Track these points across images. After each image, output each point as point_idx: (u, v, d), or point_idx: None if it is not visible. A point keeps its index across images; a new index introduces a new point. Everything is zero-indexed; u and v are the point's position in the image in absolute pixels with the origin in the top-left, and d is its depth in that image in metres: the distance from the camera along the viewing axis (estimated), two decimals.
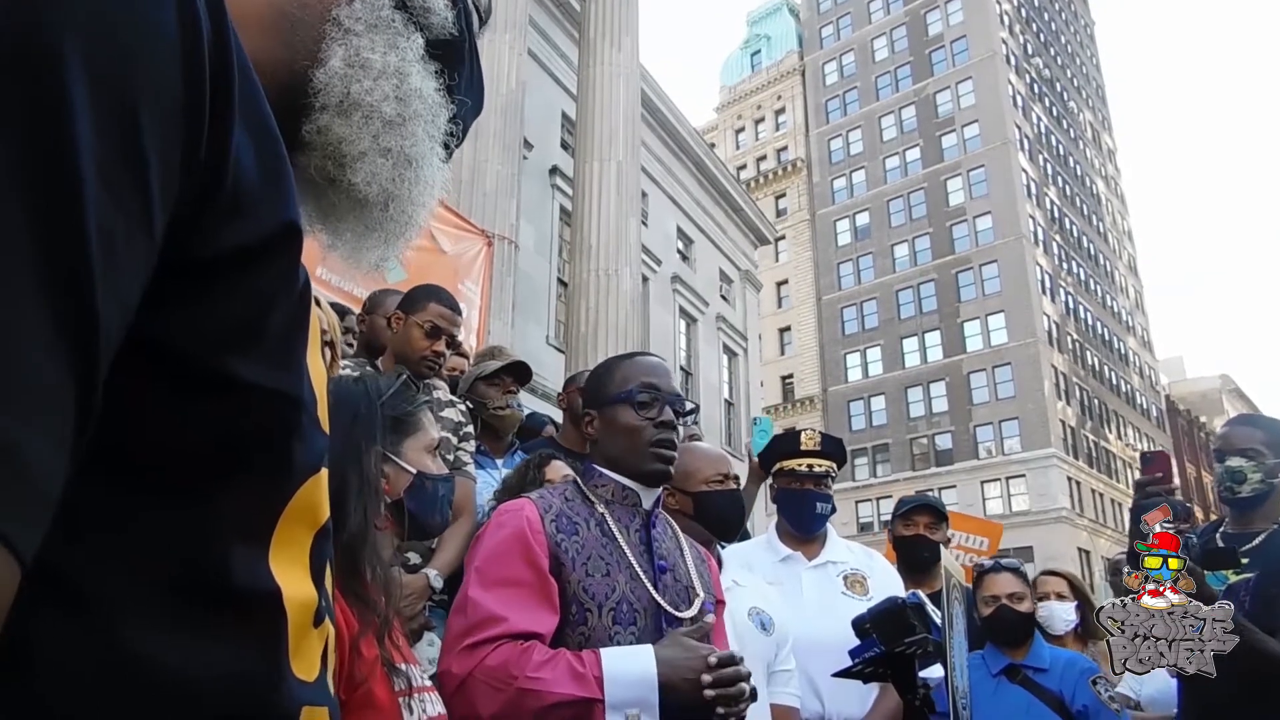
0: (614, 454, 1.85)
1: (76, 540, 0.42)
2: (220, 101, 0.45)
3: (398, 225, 0.69)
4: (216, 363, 0.47)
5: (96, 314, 0.38)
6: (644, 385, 1.84)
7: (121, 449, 0.44)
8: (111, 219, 0.38)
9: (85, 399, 0.38)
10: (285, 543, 0.54)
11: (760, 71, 60.90)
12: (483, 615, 1.62)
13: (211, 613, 0.48)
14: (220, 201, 0.45)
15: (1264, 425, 2.86)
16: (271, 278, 0.50)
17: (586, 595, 1.69)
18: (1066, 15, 63.07)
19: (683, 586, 1.83)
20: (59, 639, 0.42)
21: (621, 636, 1.69)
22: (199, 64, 0.43)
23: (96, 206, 0.37)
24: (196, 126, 0.43)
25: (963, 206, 48.94)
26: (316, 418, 0.57)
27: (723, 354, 22.56)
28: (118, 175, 0.39)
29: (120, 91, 0.39)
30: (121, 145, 0.39)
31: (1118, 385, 53.63)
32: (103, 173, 0.38)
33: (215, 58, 0.44)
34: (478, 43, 0.75)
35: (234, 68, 0.46)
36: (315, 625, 0.57)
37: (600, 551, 1.75)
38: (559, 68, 16.14)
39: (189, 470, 0.47)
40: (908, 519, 3.67)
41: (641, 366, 1.89)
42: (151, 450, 0.46)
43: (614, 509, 1.82)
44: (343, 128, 0.64)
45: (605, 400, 1.86)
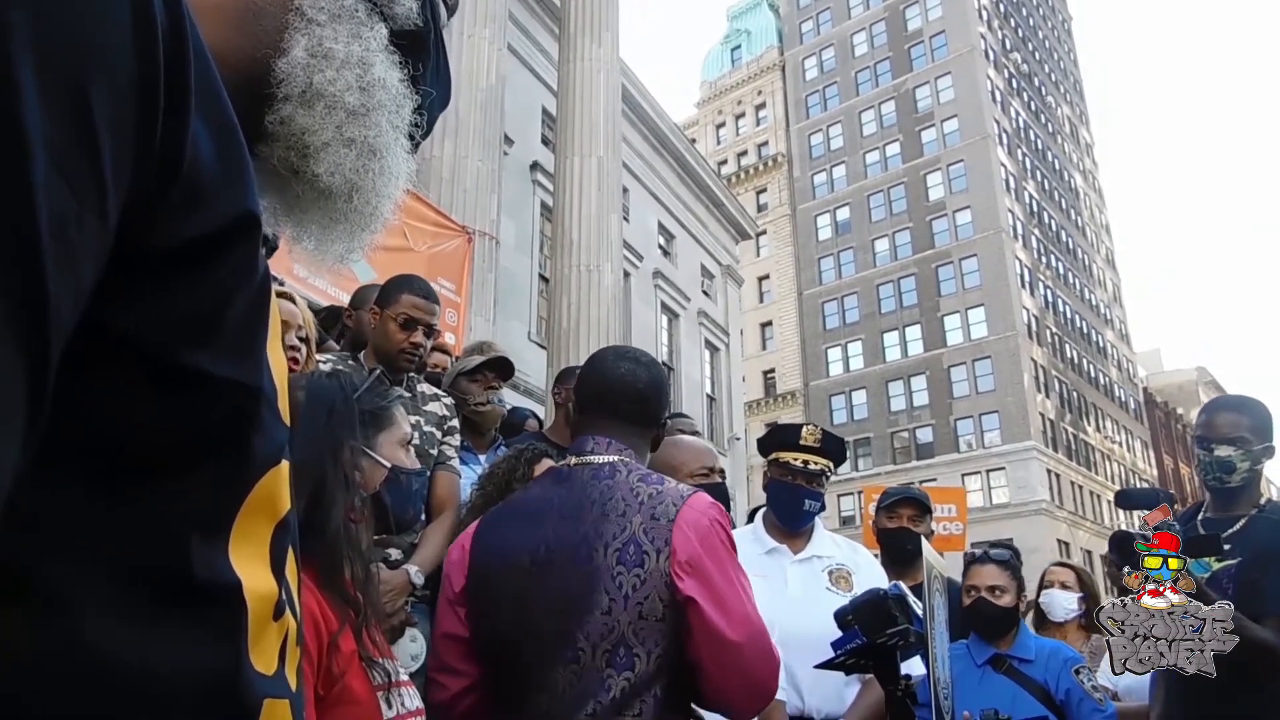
0: None
1: (33, 533, 0.41)
2: (176, 89, 0.44)
3: (362, 217, 0.69)
4: (175, 354, 0.46)
5: (47, 296, 0.37)
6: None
7: (78, 441, 0.43)
8: (62, 201, 0.37)
9: (37, 385, 0.37)
10: (245, 535, 0.53)
11: (741, 67, 60.97)
12: None
13: (172, 605, 0.48)
14: (177, 191, 0.45)
15: (1247, 409, 2.79)
16: (230, 268, 0.49)
17: None
18: (1044, 10, 63.49)
19: None
20: (20, 638, 0.41)
21: None
22: (152, 50, 0.42)
23: (46, 187, 0.36)
24: (150, 113, 0.42)
25: (942, 201, 49.22)
26: (277, 409, 0.56)
27: (705, 349, 22.59)
28: (68, 157, 0.37)
29: (70, 73, 0.38)
30: (72, 127, 0.38)
31: (1096, 378, 54.12)
32: (52, 153, 0.36)
33: (170, 45, 0.43)
34: (445, 34, 0.75)
35: (190, 55, 0.45)
36: (275, 618, 0.57)
37: None
38: (539, 63, 16.10)
39: (147, 462, 0.47)
40: (891, 511, 3.67)
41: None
42: (109, 442, 0.45)
43: None
44: (305, 118, 0.63)
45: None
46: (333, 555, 1.47)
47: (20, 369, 0.36)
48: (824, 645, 2.27)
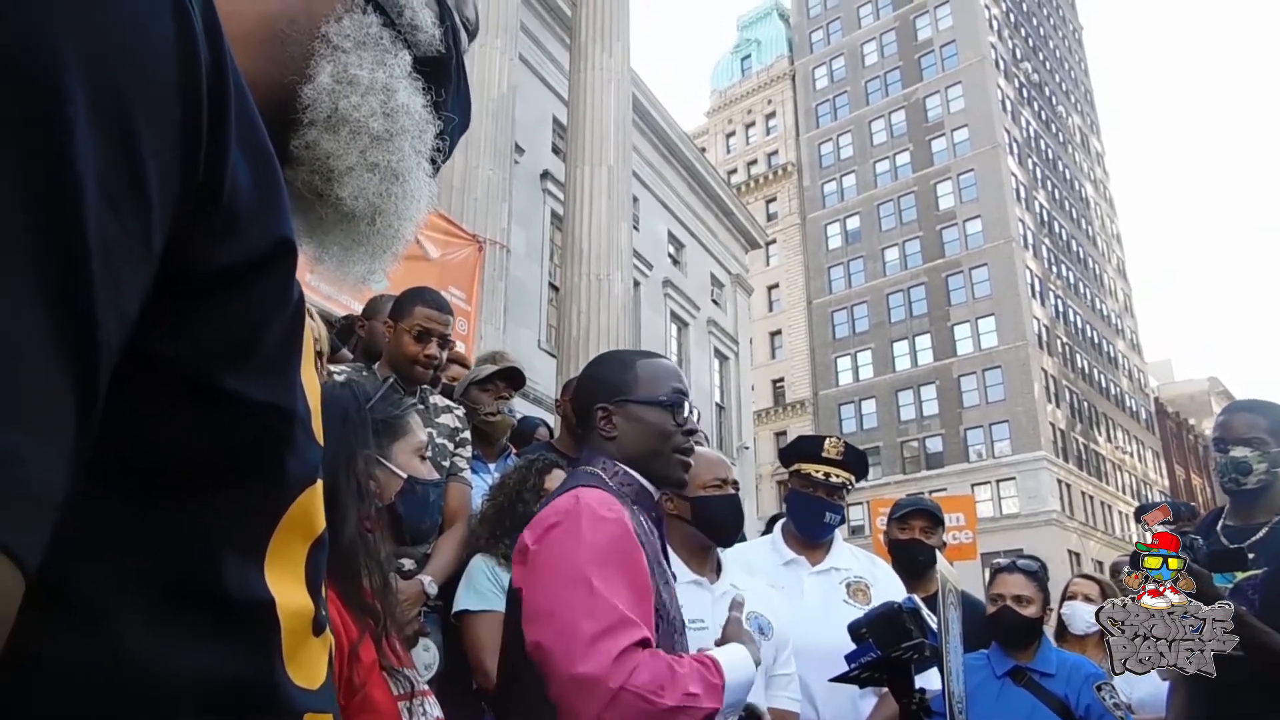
0: (635, 454, 1.77)
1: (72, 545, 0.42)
2: (217, 120, 0.45)
3: (384, 239, 0.70)
4: (212, 376, 0.47)
5: (97, 325, 0.38)
6: (675, 390, 1.80)
7: (118, 460, 0.44)
8: (111, 231, 0.38)
9: (86, 409, 0.38)
10: (281, 553, 0.54)
11: (750, 76, 61.01)
12: (617, 617, 1.46)
13: (204, 619, 0.49)
14: (217, 219, 0.46)
15: (1266, 411, 2.75)
16: (266, 293, 0.50)
17: (660, 601, 1.64)
18: (1055, 20, 63.40)
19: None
20: (57, 645, 0.42)
21: (680, 644, 1.67)
22: (196, 84, 0.43)
23: (97, 219, 0.37)
24: (194, 144, 0.43)
25: (952, 210, 49.09)
26: (311, 430, 0.57)
27: (714, 358, 22.57)
28: (117, 189, 0.39)
29: (119, 106, 0.39)
30: (121, 160, 0.39)
31: (1107, 388, 53.83)
32: (103, 186, 0.38)
33: (213, 78, 0.45)
34: (465, 57, 0.76)
35: (231, 88, 0.46)
36: (316, 634, 0.58)
37: (656, 557, 1.69)
38: (550, 72, 16.14)
39: (184, 481, 0.48)
40: (904, 522, 3.66)
41: (670, 370, 1.84)
42: (146, 460, 0.46)
43: (637, 512, 1.72)
44: (330, 143, 0.64)
45: (631, 397, 1.78)
46: (349, 565, 1.47)
47: (71, 392, 0.37)
48: (839, 658, 2.26)
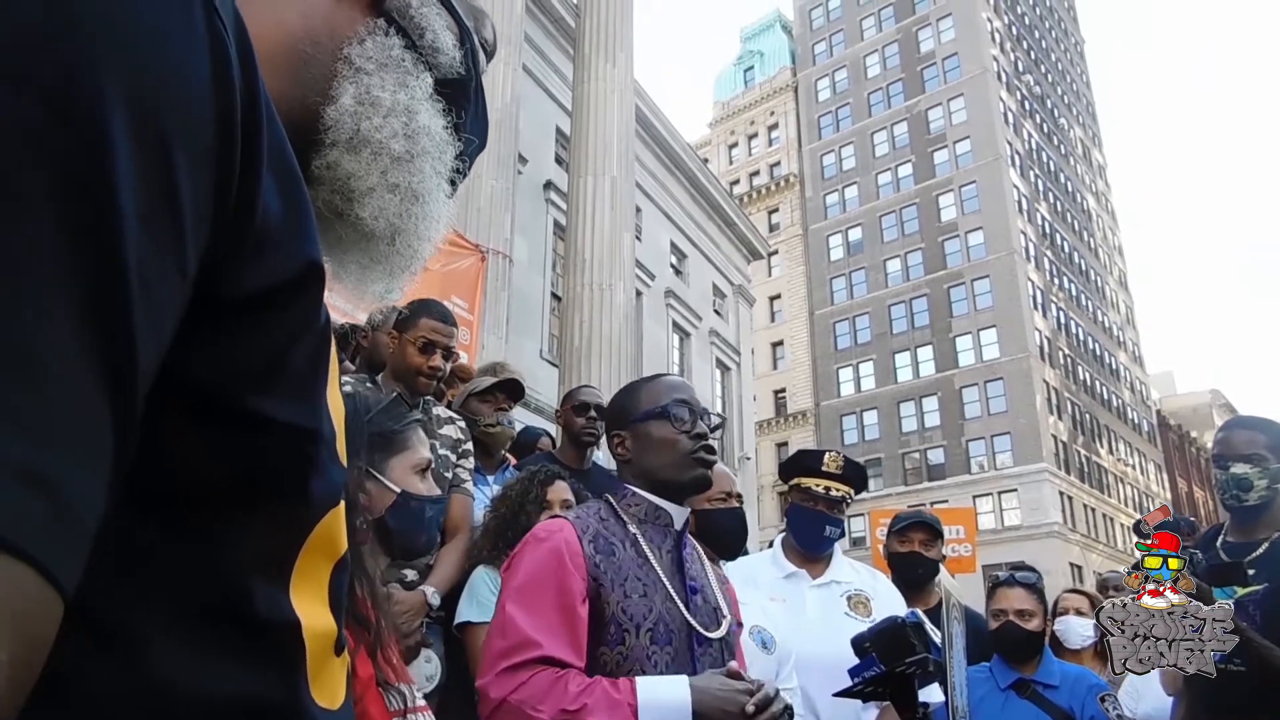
0: (650, 468, 1.85)
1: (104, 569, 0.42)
2: (250, 146, 0.45)
3: (403, 259, 0.70)
4: (240, 399, 0.48)
5: (135, 349, 0.39)
6: (677, 400, 1.86)
7: (147, 482, 0.44)
8: (149, 259, 0.39)
9: (122, 434, 0.39)
10: (306, 575, 0.55)
11: (754, 87, 61.16)
12: (520, 638, 1.61)
13: (235, 641, 0.49)
14: (248, 244, 0.46)
15: (1265, 428, 2.76)
16: (295, 316, 0.51)
17: (625, 616, 1.69)
18: (1057, 33, 63.57)
19: (711, 608, 1.83)
20: (90, 667, 0.43)
21: (658, 656, 1.69)
22: (230, 110, 0.44)
23: (136, 246, 0.38)
24: (228, 171, 0.44)
25: (955, 222, 49.14)
26: (335, 451, 0.57)
27: (716, 368, 22.58)
28: (155, 217, 0.39)
29: (158, 134, 0.40)
30: (158, 185, 0.40)
31: (1109, 400, 53.77)
32: (141, 213, 0.38)
33: (246, 105, 0.45)
34: (483, 79, 0.77)
35: (263, 114, 0.47)
36: (337, 654, 0.58)
37: (637, 572, 1.75)
38: (553, 83, 16.20)
39: (212, 503, 0.48)
40: (903, 535, 3.65)
41: (671, 384, 1.93)
42: (176, 483, 0.46)
43: (646, 529, 1.82)
44: (352, 163, 0.65)
45: (637, 417, 1.87)
46: None
47: (108, 416, 0.37)
48: (842, 670, 2.25)
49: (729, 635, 1.83)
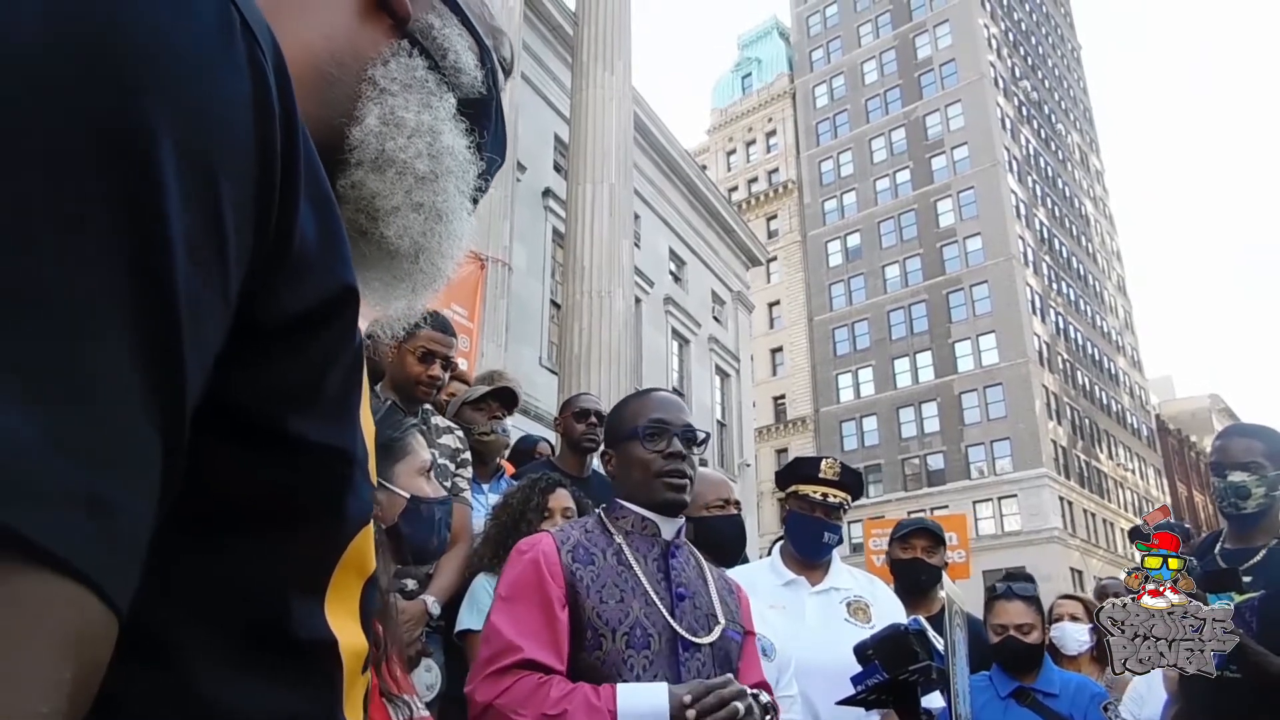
0: (630, 488, 1.92)
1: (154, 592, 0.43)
2: (288, 174, 0.46)
3: (426, 276, 0.71)
4: (278, 420, 0.48)
5: (185, 377, 0.40)
6: (651, 420, 1.91)
7: (190, 503, 0.45)
8: (196, 286, 0.40)
9: (171, 458, 0.40)
10: (340, 593, 0.56)
11: (751, 94, 61.31)
12: (503, 644, 1.69)
13: (275, 660, 0.50)
14: (286, 269, 0.47)
15: (1263, 436, 2.78)
16: (330, 339, 0.51)
17: (600, 621, 1.74)
18: (1054, 39, 63.75)
19: (703, 614, 1.85)
20: (137, 688, 0.43)
21: (635, 660, 1.73)
22: (271, 138, 0.45)
23: (185, 276, 0.39)
24: (268, 198, 0.45)
25: (953, 228, 49.22)
26: (367, 471, 0.58)
27: (715, 375, 22.59)
28: (202, 246, 0.40)
29: (205, 166, 0.41)
30: (206, 217, 0.41)
31: (1108, 405, 53.80)
32: (189, 244, 0.39)
33: (284, 133, 0.46)
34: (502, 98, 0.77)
35: (300, 142, 0.47)
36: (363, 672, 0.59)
37: (615, 579, 1.80)
38: (552, 91, 16.23)
39: (251, 524, 0.49)
40: (905, 542, 3.65)
41: (651, 402, 1.98)
42: (217, 504, 0.47)
43: (633, 539, 1.88)
44: (376, 183, 0.65)
45: (619, 438, 1.95)
46: None
47: (159, 439, 0.39)
48: (843, 676, 2.25)
49: (724, 641, 1.84)
